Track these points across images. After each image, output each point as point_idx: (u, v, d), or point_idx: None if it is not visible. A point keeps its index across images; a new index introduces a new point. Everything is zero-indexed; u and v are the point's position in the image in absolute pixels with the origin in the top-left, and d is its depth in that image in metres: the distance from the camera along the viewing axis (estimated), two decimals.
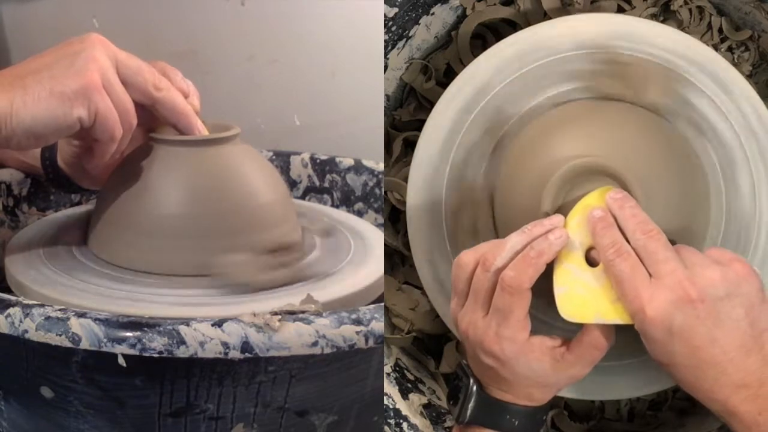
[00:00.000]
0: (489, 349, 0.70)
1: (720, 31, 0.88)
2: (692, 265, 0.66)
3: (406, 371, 0.88)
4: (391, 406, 0.83)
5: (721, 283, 0.65)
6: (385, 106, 0.91)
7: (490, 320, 0.69)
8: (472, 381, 0.73)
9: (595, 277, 0.69)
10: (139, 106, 0.79)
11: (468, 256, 0.71)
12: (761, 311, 0.66)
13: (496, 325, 0.69)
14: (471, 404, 0.73)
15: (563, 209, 0.73)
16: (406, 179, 0.84)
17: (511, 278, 0.67)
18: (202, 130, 0.81)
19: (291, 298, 0.72)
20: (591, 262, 0.70)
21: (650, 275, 0.66)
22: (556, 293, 0.69)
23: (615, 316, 0.68)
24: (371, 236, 0.90)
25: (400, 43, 0.88)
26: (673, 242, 0.69)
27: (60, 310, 0.66)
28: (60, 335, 0.64)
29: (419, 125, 0.83)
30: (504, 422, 0.72)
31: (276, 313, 0.66)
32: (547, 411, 0.74)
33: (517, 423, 0.72)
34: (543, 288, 0.69)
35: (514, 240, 0.69)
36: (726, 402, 0.66)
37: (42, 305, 0.67)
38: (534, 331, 0.70)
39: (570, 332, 0.71)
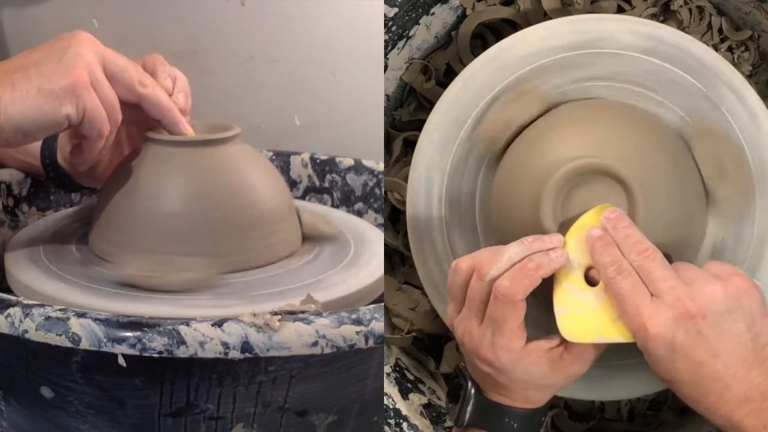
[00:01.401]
0: (485, 358, 0.69)
1: (720, 31, 0.88)
2: (691, 281, 0.66)
3: (406, 371, 0.88)
4: (391, 406, 0.83)
5: (721, 298, 0.65)
6: (385, 106, 0.91)
7: (485, 329, 0.69)
8: (470, 384, 0.73)
9: (595, 297, 0.69)
10: (136, 106, 0.79)
11: (464, 263, 0.70)
12: (763, 325, 0.66)
13: (491, 335, 0.69)
14: (469, 407, 0.73)
15: (564, 213, 0.73)
16: (406, 179, 0.84)
17: (506, 288, 0.67)
18: (187, 127, 0.81)
19: (291, 298, 0.72)
20: (590, 281, 0.70)
21: (651, 295, 0.66)
22: (557, 314, 0.69)
23: (616, 334, 0.68)
24: (371, 236, 0.90)
25: (400, 43, 0.88)
26: (669, 257, 0.69)
27: (60, 310, 0.66)
28: (60, 335, 0.64)
29: (419, 125, 0.83)
30: (502, 425, 0.72)
31: (276, 313, 0.66)
32: (545, 412, 0.74)
33: (515, 425, 0.72)
34: (543, 294, 0.69)
35: (513, 251, 0.68)
36: (730, 417, 0.66)
37: (42, 305, 0.67)
38: (536, 332, 0.70)
39: None
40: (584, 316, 0.69)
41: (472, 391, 0.73)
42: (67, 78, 0.73)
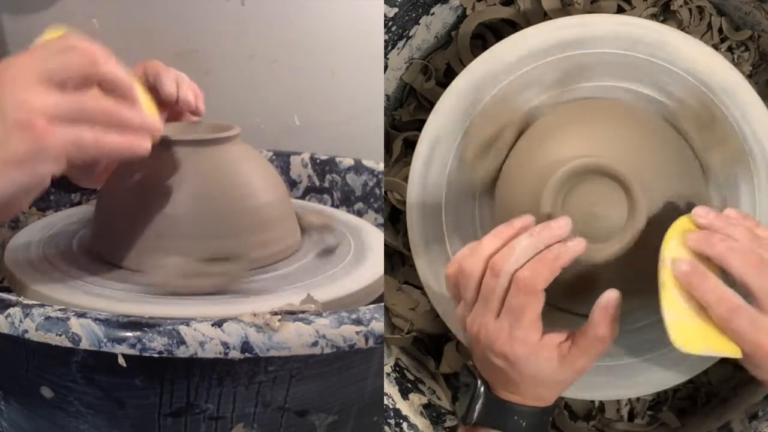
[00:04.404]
0: (500, 351, 0.70)
1: (720, 31, 0.88)
2: None
3: (406, 371, 0.88)
4: (391, 406, 0.83)
5: None
6: (385, 106, 0.91)
7: (503, 322, 0.69)
8: (479, 382, 0.73)
9: (702, 308, 0.67)
10: None
11: (473, 262, 0.70)
12: None
13: (508, 326, 0.69)
14: (478, 405, 0.73)
15: (564, 212, 0.73)
16: (406, 179, 0.84)
17: (526, 278, 0.67)
18: (137, 95, 0.72)
19: (291, 298, 0.72)
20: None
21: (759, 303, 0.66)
22: (667, 320, 0.67)
23: (726, 350, 0.67)
24: (371, 236, 0.90)
25: (400, 43, 0.88)
26: None
27: (60, 310, 0.66)
28: (60, 335, 0.64)
29: (419, 125, 0.83)
30: (511, 423, 0.72)
31: (276, 313, 0.66)
32: (553, 412, 0.74)
33: (524, 424, 0.72)
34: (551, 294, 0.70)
35: (524, 243, 0.68)
36: None
37: (42, 305, 0.67)
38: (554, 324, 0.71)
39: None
40: (692, 326, 0.67)
41: (482, 389, 0.73)
42: (25, 139, 0.65)
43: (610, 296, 0.69)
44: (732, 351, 0.67)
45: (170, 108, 0.83)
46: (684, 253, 0.68)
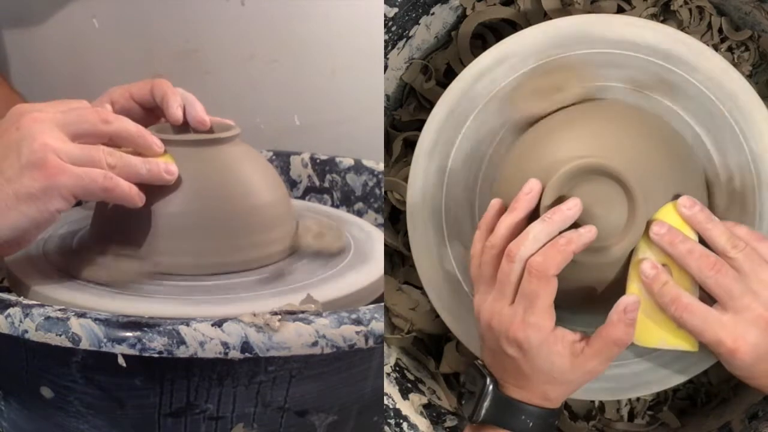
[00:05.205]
0: (514, 337, 0.70)
1: (720, 31, 0.88)
2: (762, 284, 0.69)
3: (406, 371, 0.88)
4: (391, 406, 0.83)
5: None
6: (385, 106, 0.91)
7: (517, 307, 0.70)
8: (488, 380, 0.73)
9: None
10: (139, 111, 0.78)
11: (492, 238, 0.71)
12: None
13: (522, 312, 0.69)
14: (486, 403, 0.73)
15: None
16: (406, 179, 0.84)
17: (539, 263, 0.68)
18: (158, 144, 0.77)
19: (291, 298, 0.72)
20: None
21: (721, 302, 0.69)
22: None
23: (681, 342, 0.71)
24: (371, 236, 0.90)
25: (400, 43, 0.88)
26: None
27: (60, 310, 0.66)
28: (60, 335, 0.64)
29: (419, 125, 0.83)
30: (518, 423, 0.72)
31: (276, 313, 0.66)
32: (558, 416, 0.74)
33: (531, 424, 0.72)
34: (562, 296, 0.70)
35: (537, 229, 0.69)
36: None
37: (42, 305, 0.67)
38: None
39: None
40: (651, 322, 0.71)
41: (491, 386, 0.73)
42: (39, 177, 0.69)
43: (629, 300, 0.70)
44: (688, 345, 0.71)
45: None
46: (655, 247, 0.71)
